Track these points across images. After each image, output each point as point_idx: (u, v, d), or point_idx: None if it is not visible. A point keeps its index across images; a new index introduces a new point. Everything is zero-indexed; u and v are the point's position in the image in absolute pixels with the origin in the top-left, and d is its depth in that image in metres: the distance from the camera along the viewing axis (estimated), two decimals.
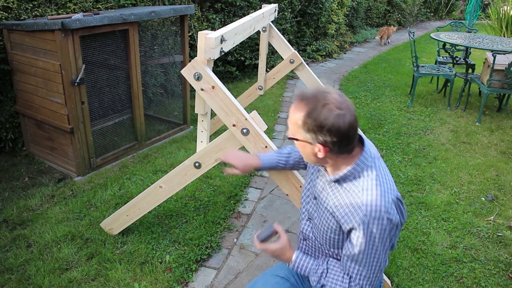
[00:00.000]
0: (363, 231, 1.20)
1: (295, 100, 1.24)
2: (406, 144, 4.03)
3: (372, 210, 1.19)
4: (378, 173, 1.26)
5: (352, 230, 1.23)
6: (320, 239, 1.39)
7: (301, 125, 1.21)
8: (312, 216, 1.43)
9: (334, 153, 1.24)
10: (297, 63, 3.27)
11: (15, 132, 3.45)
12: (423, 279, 2.32)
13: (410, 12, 11.33)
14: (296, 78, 6.04)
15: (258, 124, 1.90)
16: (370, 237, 1.20)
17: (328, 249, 1.40)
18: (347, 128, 1.17)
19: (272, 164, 1.75)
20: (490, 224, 2.84)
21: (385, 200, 1.20)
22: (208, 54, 1.80)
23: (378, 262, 1.25)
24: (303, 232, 1.49)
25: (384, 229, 1.20)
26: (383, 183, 1.24)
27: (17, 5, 3.17)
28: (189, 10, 3.64)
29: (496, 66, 4.40)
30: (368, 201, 1.20)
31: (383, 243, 1.22)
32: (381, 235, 1.20)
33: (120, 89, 3.45)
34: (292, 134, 1.27)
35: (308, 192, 1.47)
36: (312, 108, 1.18)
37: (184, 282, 2.23)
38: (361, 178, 1.25)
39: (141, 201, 2.32)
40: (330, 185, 1.33)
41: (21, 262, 2.28)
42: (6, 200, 2.84)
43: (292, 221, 2.81)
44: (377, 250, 1.22)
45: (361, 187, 1.24)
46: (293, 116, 1.24)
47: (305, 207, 1.48)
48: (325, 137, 1.18)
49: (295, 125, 1.24)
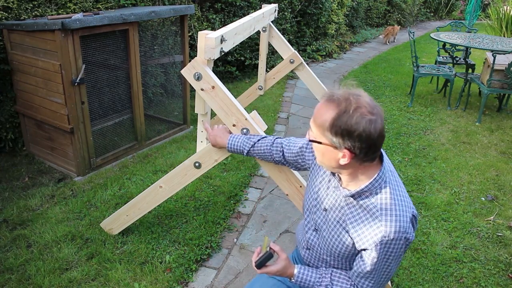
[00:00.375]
0: (380, 251, 1.18)
1: (324, 100, 1.16)
2: (406, 144, 4.03)
3: (391, 232, 1.16)
4: (395, 190, 1.22)
5: (367, 249, 1.20)
6: (326, 251, 1.36)
7: (329, 128, 1.13)
8: (319, 228, 1.38)
9: (357, 160, 1.17)
10: (297, 63, 3.27)
11: (15, 132, 3.45)
12: (423, 279, 2.32)
13: (410, 12, 11.33)
14: (296, 78, 6.04)
15: (258, 124, 1.90)
16: (386, 256, 1.19)
17: (333, 261, 1.37)
18: (378, 136, 1.11)
19: (237, 148, 1.77)
20: (490, 224, 2.84)
21: (404, 220, 1.17)
22: (208, 54, 1.80)
23: (387, 277, 1.25)
24: (308, 242, 1.45)
25: (400, 248, 1.18)
26: (401, 202, 1.20)
27: (17, 5, 3.17)
28: (189, 10, 3.64)
29: (496, 66, 4.40)
30: (387, 222, 1.17)
31: (396, 262, 1.22)
32: (396, 254, 1.19)
33: (120, 89, 3.45)
34: (315, 137, 1.19)
35: (315, 202, 1.40)
36: (343, 111, 1.10)
37: (184, 282, 2.23)
38: (378, 195, 1.21)
39: (141, 201, 2.32)
40: (346, 199, 1.27)
41: (21, 262, 2.28)
42: (6, 200, 2.84)
43: (292, 221, 2.81)
44: (390, 267, 1.22)
45: (379, 206, 1.19)
46: (320, 117, 1.15)
47: (311, 217, 1.42)
48: (353, 142, 1.11)
49: (320, 128, 1.15)
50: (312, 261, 1.47)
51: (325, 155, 1.19)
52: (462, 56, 5.72)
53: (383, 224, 1.17)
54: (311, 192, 1.44)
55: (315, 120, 1.18)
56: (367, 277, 1.25)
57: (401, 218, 1.17)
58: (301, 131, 4.30)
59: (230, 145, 1.79)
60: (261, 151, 1.71)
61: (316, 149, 1.22)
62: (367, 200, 1.22)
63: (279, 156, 1.67)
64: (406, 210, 1.20)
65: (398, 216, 1.17)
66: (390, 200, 1.19)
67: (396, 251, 1.18)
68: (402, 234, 1.16)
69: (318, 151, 1.22)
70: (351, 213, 1.26)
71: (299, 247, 1.54)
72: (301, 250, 1.52)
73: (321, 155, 1.22)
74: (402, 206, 1.20)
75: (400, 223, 1.16)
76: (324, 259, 1.40)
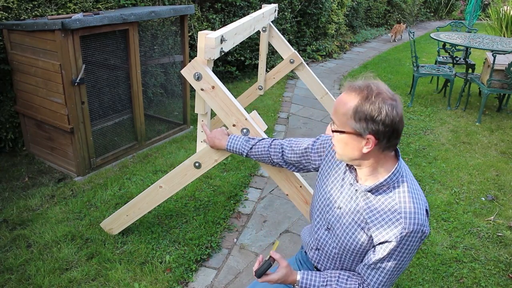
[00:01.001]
0: (399, 244, 1.19)
1: (346, 91, 1.19)
2: (406, 144, 4.03)
3: (410, 224, 1.17)
4: (412, 185, 1.24)
5: (386, 242, 1.21)
6: (339, 250, 1.36)
7: (352, 115, 1.15)
8: (333, 226, 1.37)
9: (380, 148, 1.19)
10: (297, 63, 3.27)
11: (15, 132, 3.45)
12: (423, 279, 2.32)
13: (410, 12, 11.33)
14: (296, 78, 6.04)
15: (258, 124, 1.90)
16: (403, 249, 1.20)
17: (344, 259, 1.36)
18: (399, 120, 1.15)
19: (236, 149, 1.77)
20: (490, 224, 2.84)
21: (421, 213, 1.20)
22: (208, 54, 1.80)
23: (400, 271, 1.25)
24: (317, 242, 1.44)
25: (417, 241, 1.20)
26: (418, 196, 1.23)
27: (17, 5, 3.17)
28: (189, 10, 3.64)
29: (496, 66, 4.40)
30: (406, 214, 1.18)
31: (410, 256, 1.23)
32: (413, 247, 1.20)
33: (120, 89, 3.45)
34: (338, 127, 1.20)
35: (327, 201, 1.39)
36: (365, 97, 1.14)
37: (184, 282, 2.23)
38: (396, 190, 1.23)
39: (141, 201, 2.32)
40: (362, 195, 1.28)
41: (21, 262, 2.28)
42: (6, 200, 2.84)
43: (292, 221, 2.81)
44: (404, 262, 1.23)
45: (397, 199, 1.21)
46: (343, 106, 1.17)
47: (323, 216, 1.41)
48: (377, 126, 1.13)
49: (344, 116, 1.17)
50: (321, 261, 1.45)
51: (348, 145, 1.20)
52: (462, 56, 5.72)
53: (402, 217, 1.19)
54: (322, 192, 1.44)
55: (337, 111, 1.20)
56: (379, 269, 1.25)
57: (419, 211, 1.20)
58: (301, 131, 4.30)
59: (229, 147, 1.80)
60: (259, 152, 1.71)
61: (339, 141, 1.22)
62: (385, 194, 1.23)
63: (277, 158, 1.66)
64: (422, 204, 1.22)
65: (416, 209, 1.19)
66: (408, 194, 1.21)
67: (413, 244, 1.20)
68: (420, 227, 1.18)
69: (340, 143, 1.22)
70: (368, 208, 1.26)
71: (307, 249, 1.53)
72: (309, 252, 1.50)
73: (343, 146, 1.22)
74: (419, 200, 1.22)
75: (418, 215, 1.19)
76: (334, 258, 1.39)
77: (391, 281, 1.27)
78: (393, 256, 1.21)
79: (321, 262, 1.45)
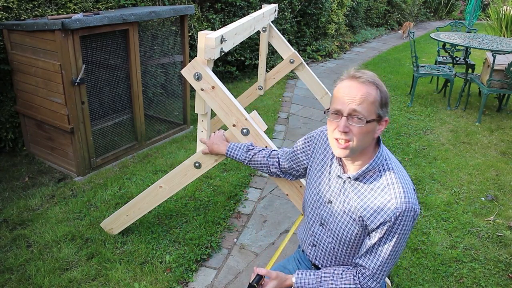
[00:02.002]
0: (393, 225, 1.22)
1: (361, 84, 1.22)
2: (406, 144, 4.03)
3: (402, 203, 1.21)
4: (397, 167, 1.30)
5: (381, 225, 1.24)
6: (335, 244, 1.38)
7: (378, 102, 1.23)
8: (326, 221, 1.40)
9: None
10: (297, 63, 3.27)
11: (15, 132, 3.45)
12: (423, 279, 2.32)
13: (410, 12, 11.33)
14: (296, 78, 6.05)
15: (258, 124, 1.91)
16: (398, 229, 1.23)
17: (341, 251, 1.38)
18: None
19: (236, 157, 1.80)
20: (490, 224, 2.84)
21: (410, 192, 1.25)
22: (208, 54, 1.81)
23: (395, 256, 1.28)
24: (313, 238, 1.46)
25: (411, 220, 1.23)
26: (403, 176, 1.28)
27: (17, 5, 3.17)
28: (189, 10, 3.64)
29: (496, 66, 4.40)
30: (396, 194, 1.23)
31: (405, 236, 1.26)
32: (407, 226, 1.24)
33: (120, 89, 3.45)
34: (367, 117, 1.22)
35: (317, 197, 1.43)
36: (379, 85, 1.24)
37: (184, 282, 2.23)
38: (382, 173, 1.28)
39: (141, 201, 2.32)
40: (350, 185, 1.32)
41: (21, 262, 2.28)
42: (6, 200, 2.84)
43: (292, 221, 2.81)
44: (400, 242, 1.26)
45: (385, 183, 1.26)
46: (368, 96, 1.22)
47: (315, 212, 1.44)
48: (388, 108, 1.27)
49: (372, 105, 1.22)
50: (318, 258, 1.47)
51: (370, 133, 1.25)
52: (462, 56, 5.72)
53: (393, 197, 1.23)
54: (311, 188, 1.47)
55: (364, 100, 1.22)
56: (375, 253, 1.27)
57: (408, 190, 1.25)
58: (301, 131, 4.30)
59: (229, 154, 1.84)
60: (258, 161, 1.75)
61: (361, 133, 1.23)
62: (373, 180, 1.28)
63: (275, 167, 1.70)
64: (410, 183, 1.28)
65: (405, 188, 1.25)
66: (395, 175, 1.27)
67: (407, 223, 1.23)
68: (412, 205, 1.22)
69: (361, 134, 1.23)
70: (359, 197, 1.29)
71: (303, 246, 1.55)
72: (306, 249, 1.52)
73: (365, 136, 1.24)
74: (406, 180, 1.28)
75: (408, 194, 1.24)
76: (331, 253, 1.41)
77: (388, 266, 1.28)
78: (389, 237, 1.24)
79: (318, 258, 1.47)
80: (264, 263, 2.41)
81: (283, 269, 1.62)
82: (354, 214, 1.30)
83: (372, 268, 1.28)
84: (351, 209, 1.31)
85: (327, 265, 1.46)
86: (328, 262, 1.44)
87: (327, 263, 1.45)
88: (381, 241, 1.25)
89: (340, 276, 1.34)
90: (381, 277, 1.29)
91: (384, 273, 1.29)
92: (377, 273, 1.29)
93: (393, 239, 1.24)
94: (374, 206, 1.25)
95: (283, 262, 1.68)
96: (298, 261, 1.63)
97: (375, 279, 1.29)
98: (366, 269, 1.30)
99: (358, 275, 1.32)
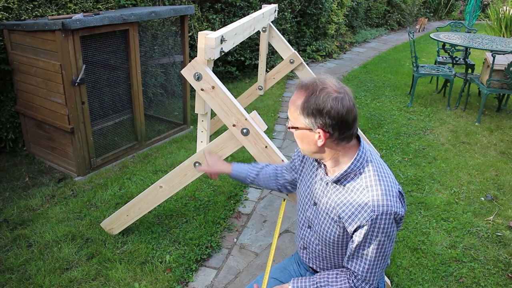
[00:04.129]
0: (370, 227, 1.20)
1: (295, 89, 1.25)
2: (406, 144, 4.04)
3: (379, 205, 1.19)
4: (377, 168, 1.26)
5: (359, 228, 1.23)
6: (322, 246, 1.39)
7: (301, 111, 1.21)
8: (312, 223, 1.41)
9: (333, 140, 1.23)
10: (297, 63, 3.28)
11: (16, 132, 3.46)
12: (423, 279, 2.32)
13: (409, 12, 11.33)
14: (296, 78, 6.04)
15: (258, 124, 1.91)
16: (378, 232, 1.21)
17: (330, 254, 1.39)
18: (346, 111, 1.18)
19: (242, 174, 1.72)
20: (490, 224, 2.85)
21: (390, 194, 1.21)
22: (208, 54, 1.81)
23: (383, 257, 1.26)
24: (303, 241, 1.47)
25: (391, 223, 1.21)
26: (384, 178, 1.25)
27: (17, 6, 3.18)
28: (189, 10, 3.64)
29: (496, 66, 4.41)
30: (374, 197, 1.20)
31: (389, 238, 1.23)
32: (388, 229, 1.21)
33: (120, 89, 3.46)
34: (293, 124, 1.26)
35: (305, 199, 1.44)
36: (311, 93, 1.19)
37: (184, 282, 2.23)
38: (362, 175, 1.25)
39: (141, 201, 2.33)
40: (332, 186, 1.32)
41: (22, 261, 2.29)
42: (7, 200, 2.85)
43: (292, 221, 2.82)
44: (383, 246, 1.23)
45: (364, 185, 1.24)
46: (293, 104, 1.24)
47: (304, 215, 1.46)
48: (324, 120, 1.18)
49: (295, 113, 1.23)
50: (312, 260, 1.48)
51: (304, 140, 1.27)
52: (461, 56, 5.72)
53: (370, 200, 1.20)
54: (300, 192, 1.48)
55: (290, 108, 1.26)
56: (361, 256, 1.26)
57: (388, 193, 1.21)
58: None
59: (234, 171, 1.74)
60: (266, 175, 1.70)
61: (296, 137, 1.29)
62: (353, 182, 1.27)
63: (283, 179, 1.67)
64: (392, 185, 1.24)
65: (384, 191, 1.21)
66: (374, 177, 1.24)
67: (386, 226, 1.20)
68: (390, 208, 1.19)
69: (297, 138, 1.29)
70: (339, 199, 1.29)
71: (298, 250, 1.56)
72: (300, 252, 1.53)
73: (300, 141, 1.29)
74: (387, 182, 1.24)
75: (387, 197, 1.20)
76: (320, 255, 1.42)
77: (378, 267, 1.27)
78: (369, 240, 1.22)
79: (312, 261, 1.48)
80: (264, 263, 2.41)
81: (284, 270, 1.63)
82: (333, 214, 1.30)
83: (361, 272, 1.27)
84: (333, 211, 1.30)
85: (320, 266, 1.46)
86: (321, 264, 1.45)
87: (319, 265, 1.46)
88: (363, 245, 1.24)
89: (335, 280, 1.34)
90: (373, 279, 1.28)
91: (375, 275, 1.28)
92: (368, 276, 1.27)
93: (375, 242, 1.22)
94: (352, 208, 1.24)
95: (283, 263, 1.68)
96: (297, 263, 1.64)
97: (367, 281, 1.28)
98: (356, 273, 1.29)
99: (351, 277, 1.31)
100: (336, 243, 1.33)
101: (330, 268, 1.44)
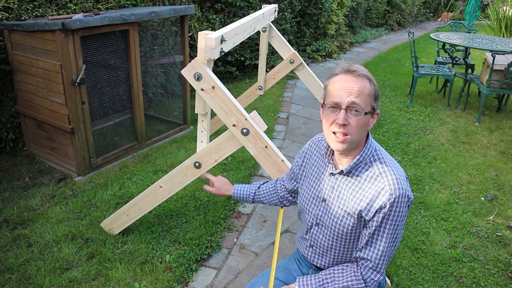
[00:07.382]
0: (388, 211, 1.24)
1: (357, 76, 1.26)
2: (406, 144, 4.04)
3: (395, 189, 1.24)
4: (387, 156, 1.33)
5: (377, 213, 1.26)
6: (332, 241, 1.40)
7: (373, 95, 1.27)
8: (321, 220, 1.42)
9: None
10: (297, 63, 3.28)
11: (16, 132, 3.46)
12: (423, 279, 2.32)
13: (409, 12, 11.33)
14: (296, 78, 6.05)
15: (258, 124, 1.91)
16: (394, 215, 1.25)
17: (338, 250, 1.40)
18: None
19: (243, 194, 1.81)
20: (490, 224, 2.85)
21: (402, 179, 1.27)
22: (208, 54, 1.81)
23: (395, 243, 1.30)
24: (310, 239, 1.49)
25: (405, 206, 1.26)
26: (395, 165, 1.31)
27: (17, 6, 3.18)
28: (189, 10, 3.64)
29: (496, 66, 4.41)
30: (389, 181, 1.25)
31: (402, 222, 1.28)
32: (402, 212, 1.26)
33: (121, 89, 3.46)
34: (365, 108, 1.26)
35: (311, 199, 1.46)
36: (371, 78, 1.28)
37: (184, 282, 2.23)
38: (373, 163, 1.31)
39: (141, 201, 2.33)
40: (344, 180, 1.35)
41: (22, 261, 2.29)
42: (7, 200, 2.85)
43: (292, 221, 2.82)
44: (397, 229, 1.28)
45: (378, 172, 1.29)
46: (364, 89, 1.25)
47: (311, 213, 1.47)
48: (379, 101, 1.32)
49: (368, 97, 1.26)
50: (317, 257, 1.49)
51: (365, 125, 1.29)
52: (461, 56, 5.73)
53: (386, 184, 1.25)
54: (304, 194, 1.50)
55: (361, 93, 1.25)
56: (375, 243, 1.29)
57: (401, 177, 1.28)
58: (301, 131, 4.31)
59: (235, 191, 1.83)
60: (266, 190, 1.78)
61: (361, 124, 1.27)
62: (365, 171, 1.31)
63: (282, 190, 1.73)
64: (401, 171, 1.31)
65: (397, 175, 1.28)
66: (386, 164, 1.30)
67: (402, 209, 1.25)
68: (405, 191, 1.25)
69: (360, 125, 1.26)
70: (353, 190, 1.32)
71: (302, 250, 1.57)
72: (305, 251, 1.55)
73: (361, 128, 1.28)
74: (397, 167, 1.32)
75: (401, 181, 1.26)
76: (328, 250, 1.43)
77: (389, 254, 1.30)
78: (386, 225, 1.26)
79: (318, 258, 1.49)
80: (264, 262, 2.41)
81: (285, 270, 1.63)
82: (349, 208, 1.32)
83: (374, 258, 1.30)
84: (345, 204, 1.33)
85: (325, 263, 1.47)
86: (327, 261, 1.46)
87: (326, 261, 1.47)
88: (379, 230, 1.27)
89: (341, 274, 1.35)
90: (383, 267, 1.31)
91: (385, 263, 1.31)
92: (379, 263, 1.30)
93: (390, 226, 1.26)
94: (369, 196, 1.27)
95: (284, 263, 1.69)
96: (298, 262, 1.64)
97: (378, 270, 1.31)
98: (368, 261, 1.31)
99: (360, 269, 1.33)
100: (349, 236, 1.35)
101: (336, 264, 1.45)
